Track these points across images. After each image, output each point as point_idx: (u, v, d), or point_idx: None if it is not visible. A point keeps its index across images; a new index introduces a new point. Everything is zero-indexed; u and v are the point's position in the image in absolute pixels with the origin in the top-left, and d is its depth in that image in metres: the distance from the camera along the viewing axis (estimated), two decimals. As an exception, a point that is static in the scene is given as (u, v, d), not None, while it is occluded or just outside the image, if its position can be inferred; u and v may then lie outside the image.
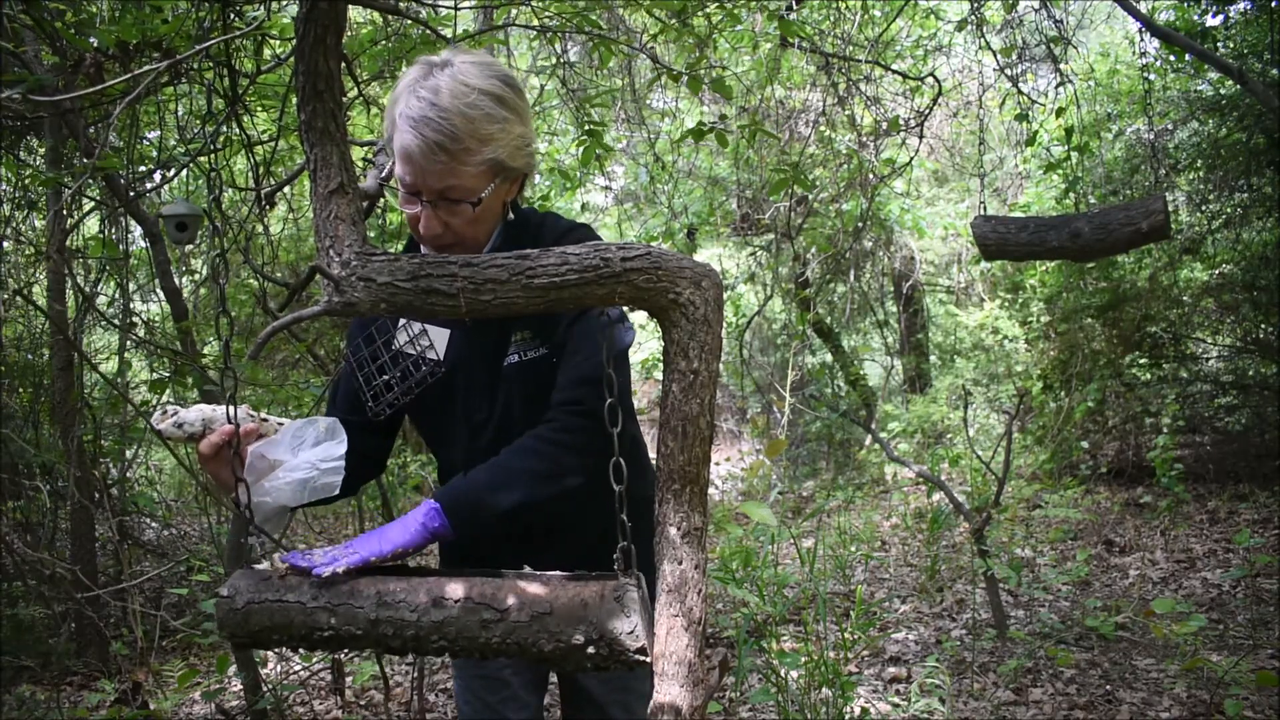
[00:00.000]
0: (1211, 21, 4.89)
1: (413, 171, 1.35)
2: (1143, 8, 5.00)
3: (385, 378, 1.50)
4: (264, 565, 1.21)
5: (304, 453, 1.33)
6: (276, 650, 3.58)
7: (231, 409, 1.27)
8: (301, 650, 1.63)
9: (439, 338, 1.56)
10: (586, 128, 3.39)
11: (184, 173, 4.02)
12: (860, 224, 6.52)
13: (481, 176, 1.37)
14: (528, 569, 1.22)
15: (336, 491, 1.34)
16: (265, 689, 3.00)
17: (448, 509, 1.34)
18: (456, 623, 1.11)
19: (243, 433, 1.29)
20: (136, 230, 4.20)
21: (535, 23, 3.19)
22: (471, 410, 1.57)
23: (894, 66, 5.19)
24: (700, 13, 3.71)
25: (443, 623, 1.11)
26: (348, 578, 1.17)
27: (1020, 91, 4.30)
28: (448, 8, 3.17)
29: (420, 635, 1.12)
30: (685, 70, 3.25)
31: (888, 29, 5.45)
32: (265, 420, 1.35)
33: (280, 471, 1.31)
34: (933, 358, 9.79)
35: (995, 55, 4.22)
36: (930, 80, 4.33)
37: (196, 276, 5.43)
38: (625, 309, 1.53)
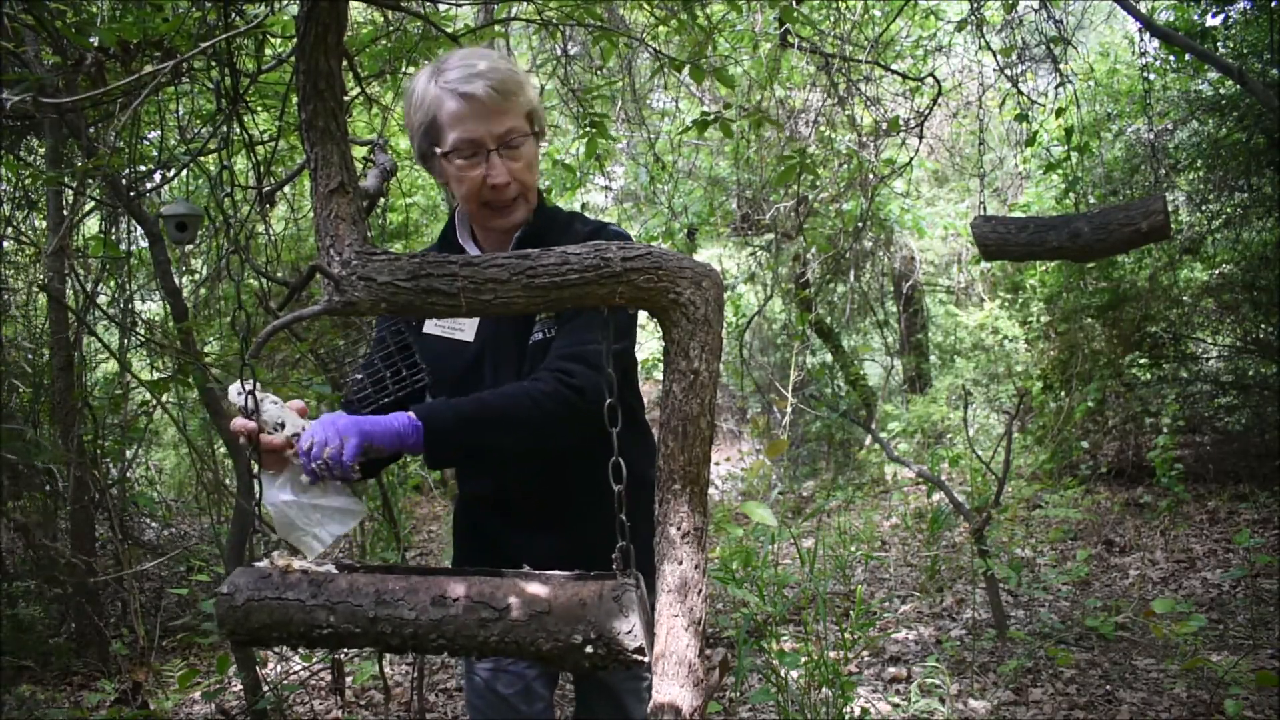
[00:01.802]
0: (1211, 21, 4.89)
1: (475, 125, 1.48)
2: (1143, 8, 5.00)
3: (360, 377, 1.53)
4: (264, 563, 1.21)
5: (313, 513, 1.32)
6: (276, 650, 3.59)
7: (258, 404, 1.28)
8: (301, 649, 1.63)
9: (470, 319, 1.63)
10: (589, 121, 3.39)
11: (184, 173, 4.02)
12: (860, 224, 6.52)
13: (526, 120, 1.54)
14: (527, 568, 1.23)
15: (310, 556, 1.35)
16: (265, 689, 3.00)
17: (427, 429, 1.39)
18: (455, 621, 1.11)
19: (270, 445, 1.30)
20: (137, 230, 4.20)
21: (536, 18, 3.19)
22: (499, 385, 1.61)
23: (894, 66, 5.20)
24: (701, 10, 3.71)
25: (441, 621, 1.11)
26: (348, 576, 1.18)
27: (1020, 91, 4.30)
28: (449, 3, 3.18)
29: (419, 634, 1.12)
30: (687, 61, 3.25)
31: (888, 29, 5.45)
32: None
33: (291, 500, 1.31)
34: (933, 358, 9.79)
35: (995, 55, 4.22)
36: (930, 80, 4.33)
37: (196, 276, 5.43)
38: (631, 317, 1.59)
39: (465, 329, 1.63)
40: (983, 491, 5.07)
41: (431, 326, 1.64)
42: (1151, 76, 4.49)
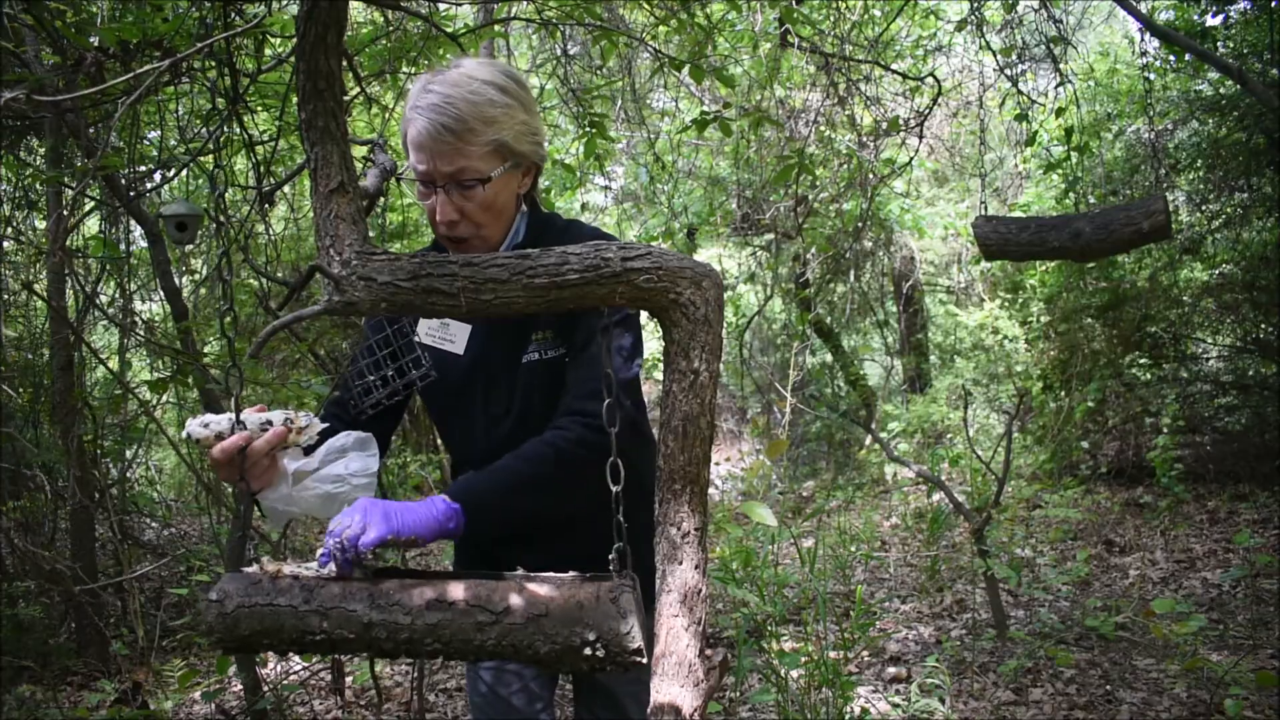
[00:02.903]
0: (1211, 21, 4.89)
1: (425, 158, 1.42)
2: (1143, 8, 4.99)
3: (371, 378, 1.51)
4: (253, 568, 1.18)
5: (332, 465, 1.32)
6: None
7: (239, 411, 1.26)
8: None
9: (460, 331, 1.60)
10: (589, 121, 3.39)
11: (184, 173, 4.02)
12: (860, 224, 6.52)
13: (489, 158, 1.44)
14: (521, 570, 1.22)
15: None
16: (265, 689, 3.00)
17: (469, 513, 1.34)
18: (451, 625, 1.10)
19: (272, 439, 1.27)
20: (136, 230, 4.20)
21: (536, 17, 3.19)
22: (491, 403, 1.60)
23: (894, 66, 5.19)
24: (701, 9, 3.71)
25: (437, 625, 1.10)
26: (340, 581, 1.16)
27: (1020, 91, 4.29)
28: (449, 2, 3.18)
29: (414, 638, 1.10)
30: (687, 61, 3.25)
31: (888, 29, 5.44)
32: (303, 429, 1.31)
33: (308, 481, 1.30)
34: (933, 358, 9.79)
35: (995, 55, 4.22)
36: (930, 80, 4.34)
37: (196, 276, 5.43)
38: (638, 334, 1.56)
39: (456, 340, 1.59)
40: (983, 491, 5.07)
41: (422, 336, 1.61)
42: (1151, 76, 4.47)
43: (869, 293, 9.47)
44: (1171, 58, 5.27)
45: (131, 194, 3.24)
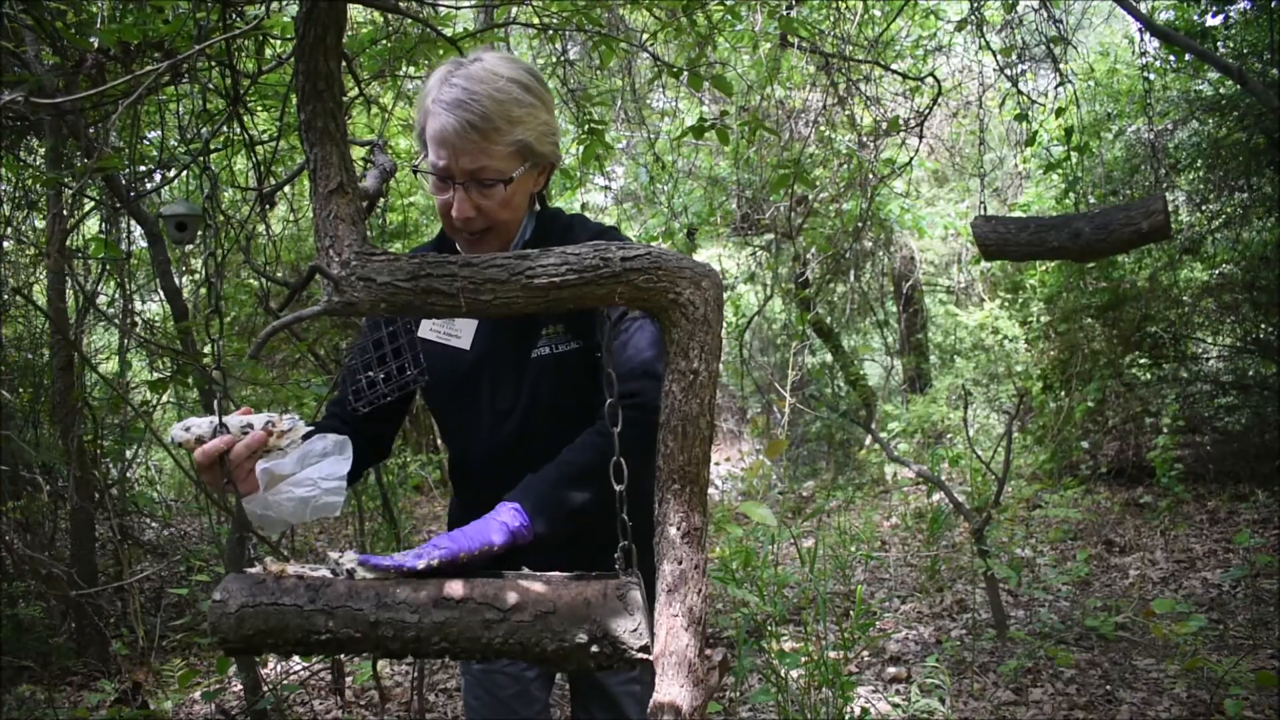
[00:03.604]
0: (1211, 21, 4.89)
1: (446, 154, 1.40)
2: (1143, 8, 5.00)
3: (369, 374, 1.49)
4: (256, 569, 1.17)
5: (309, 469, 1.31)
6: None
7: (223, 414, 1.26)
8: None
9: (466, 326, 1.58)
10: (587, 126, 3.40)
11: (184, 173, 4.02)
12: (860, 224, 6.52)
13: (511, 158, 1.42)
14: (525, 569, 1.22)
15: (337, 513, 1.33)
16: (265, 689, 3.01)
17: (527, 508, 1.33)
18: (459, 623, 1.10)
19: (252, 443, 1.26)
20: (136, 230, 4.21)
21: (536, 21, 3.20)
22: (498, 398, 1.57)
23: (894, 66, 5.20)
24: (701, 10, 3.71)
25: (444, 623, 1.10)
26: (346, 580, 1.16)
27: (1020, 91, 4.29)
28: (448, 7, 3.18)
29: (421, 637, 1.10)
30: (686, 67, 3.25)
31: (888, 29, 5.45)
32: (285, 433, 1.30)
33: (284, 485, 1.29)
34: (933, 358, 9.79)
35: (995, 55, 4.22)
36: (930, 80, 4.34)
37: (196, 276, 5.43)
38: None
39: (462, 335, 1.58)
40: (983, 491, 5.07)
41: (426, 331, 1.59)
42: (1151, 76, 4.48)
43: (869, 293, 9.47)
44: (1171, 58, 5.27)
45: (131, 194, 3.25)
